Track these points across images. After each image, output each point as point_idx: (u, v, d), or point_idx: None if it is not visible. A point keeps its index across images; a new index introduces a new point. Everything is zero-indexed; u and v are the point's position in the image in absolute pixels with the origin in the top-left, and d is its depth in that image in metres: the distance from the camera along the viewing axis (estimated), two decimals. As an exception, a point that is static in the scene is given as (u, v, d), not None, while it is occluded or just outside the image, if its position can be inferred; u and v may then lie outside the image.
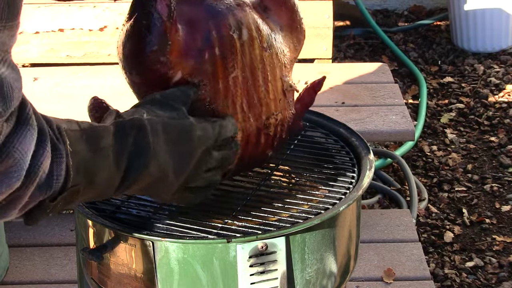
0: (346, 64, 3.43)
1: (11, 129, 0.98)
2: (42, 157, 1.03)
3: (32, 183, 1.03)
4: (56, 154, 1.06)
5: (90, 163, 1.12)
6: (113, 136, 1.16)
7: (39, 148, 1.03)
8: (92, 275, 1.44)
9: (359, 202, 1.48)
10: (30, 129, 1.01)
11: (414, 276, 2.45)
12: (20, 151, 0.99)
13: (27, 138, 1.00)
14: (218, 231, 1.34)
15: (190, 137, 1.26)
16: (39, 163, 1.03)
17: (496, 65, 4.05)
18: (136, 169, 1.18)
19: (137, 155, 1.18)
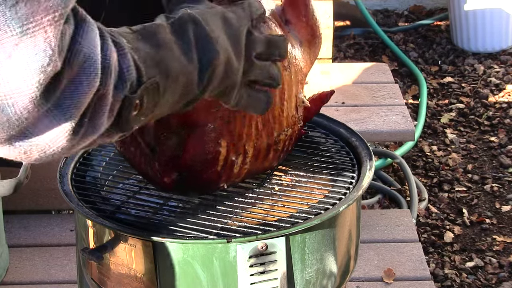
0: (346, 64, 3.43)
1: (73, 29, 0.95)
2: (108, 51, 1.01)
3: (109, 77, 1.00)
4: (118, 48, 1.04)
5: (156, 56, 1.11)
6: (172, 33, 1.15)
7: (103, 43, 1.00)
8: (92, 275, 1.44)
9: (359, 202, 1.48)
10: (90, 25, 0.98)
11: (414, 276, 2.45)
12: (87, 46, 0.96)
13: (90, 33, 0.97)
14: (218, 231, 1.34)
15: (230, 21, 1.24)
16: (108, 56, 1.01)
17: (496, 65, 4.05)
18: (208, 58, 1.17)
19: (203, 46, 1.17)
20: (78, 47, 0.95)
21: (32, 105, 0.92)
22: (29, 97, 0.91)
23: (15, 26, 0.89)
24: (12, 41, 0.89)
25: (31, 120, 0.94)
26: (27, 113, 0.92)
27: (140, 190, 1.48)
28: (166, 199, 1.45)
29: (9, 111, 0.92)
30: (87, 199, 1.44)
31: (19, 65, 0.90)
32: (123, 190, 1.50)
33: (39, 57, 0.90)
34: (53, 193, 2.71)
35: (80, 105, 0.97)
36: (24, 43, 0.89)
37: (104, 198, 1.47)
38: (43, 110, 0.94)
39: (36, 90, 0.91)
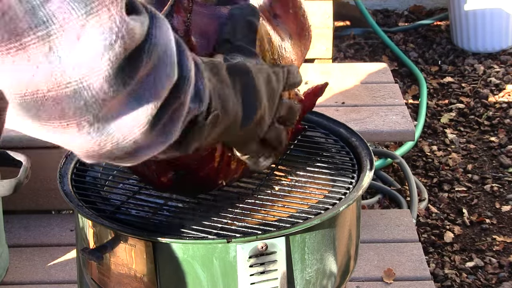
0: (346, 64, 3.43)
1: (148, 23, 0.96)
2: (187, 61, 1.02)
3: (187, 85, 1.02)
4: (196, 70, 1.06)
5: (221, 90, 1.14)
6: (227, 74, 1.19)
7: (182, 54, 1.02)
8: (92, 275, 1.44)
9: (359, 202, 1.48)
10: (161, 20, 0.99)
11: (414, 276, 2.45)
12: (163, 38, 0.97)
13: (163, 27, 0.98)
14: (218, 231, 1.34)
15: (272, 81, 1.29)
16: (188, 67, 1.02)
17: (496, 65, 4.05)
18: (252, 108, 1.22)
19: (249, 95, 1.22)
20: (154, 39, 0.96)
21: (107, 84, 0.92)
22: (103, 75, 0.91)
23: (80, 7, 0.89)
24: (79, 22, 0.89)
25: (108, 105, 0.94)
26: (103, 93, 0.92)
27: (140, 190, 1.48)
28: (166, 199, 1.45)
29: (86, 94, 0.92)
30: (87, 199, 1.44)
31: (89, 45, 0.90)
32: (123, 190, 1.50)
33: (106, 35, 0.90)
34: (53, 193, 2.71)
35: (158, 99, 0.97)
36: (90, 23, 0.90)
37: (104, 198, 1.47)
38: (120, 95, 0.94)
39: (109, 68, 0.91)
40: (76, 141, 0.97)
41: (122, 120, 0.96)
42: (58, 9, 0.89)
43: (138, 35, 0.94)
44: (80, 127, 0.95)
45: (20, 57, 0.89)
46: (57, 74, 0.90)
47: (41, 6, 0.88)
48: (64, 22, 0.89)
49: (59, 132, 0.96)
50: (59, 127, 0.95)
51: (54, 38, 0.89)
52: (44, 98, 0.92)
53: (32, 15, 0.88)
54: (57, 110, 0.93)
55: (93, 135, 0.96)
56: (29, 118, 0.95)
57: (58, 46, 0.89)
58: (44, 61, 0.90)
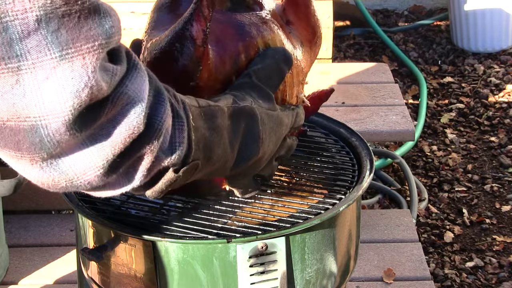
0: (346, 64, 3.43)
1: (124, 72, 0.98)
2: (163, 114, 1.03)
3: (156, 137, 1.03)
4: (178, 121, 1.07)
5: (208, 139, 1.15)
6: (229, 118, 1.20)
7: (158, 106, 1.03)
8: (92, 275, 1.44)
9: (359, 202, 1.48)
10: (140, 72, 1.00)
11: (414, 276, 2.45)
12: (133, 91, 0.98)
13: (138, 79, 1.00)
14: (218, 231, 1.34)
15: (281, 126, 1.31)
16: (161, 119, 1.03)
17: (496, 65, 4.05)
18: (248, 154, 1.24)
19: (249, 141, 1.23)
20: (124, 89, 0.98)
21: (64, 128, 0.93)
22: (62, 119, 0.92)
23: (55, 50, 0.91)
24: (51, 64, 0.91)
25: (63, 145, 0.95)
26: (59, 135, 0.94)
27: (140, 190, 1.48)
28: (166, 199, 1.45)
29: (42, 132, 0.93)
30: (87, 199, 1.44)
31: (55, 87, 0.91)
32: (123, 190, 1.50)
33: (75, 82, 0.92)
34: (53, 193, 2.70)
35: (116, 146, 0.98)
36: (62, 67, 0.91)
37: (104, 198, 1.47)
38: (76, 139, 0.95)
39: (70, 114, 0.92)
40: (31, 173, 0.99)
41: (76, 160, 0.98)
42: (34, 47, 0.90)
43: (107, 87, 0.95)
44: (33, 162, 0.97)
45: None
46: (18, 107, 0.92)
47: (19, 41, 0.90)
48: (37, 61, 0.91)
49: (14, 162, 0.98)
50: (14, 157, 0.97)
51: (23, 72, 0.91)
52: (3, 126, 0.94)
53: (8, 47, 0.90)
54: (13, 140, 0.95)
55: (46, 170, 0.98)
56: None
57: (25, 81, 0.91)
58: (8, 92, 0.91)
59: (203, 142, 1.14)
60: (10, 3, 0.89)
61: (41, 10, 0.90)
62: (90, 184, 1.01)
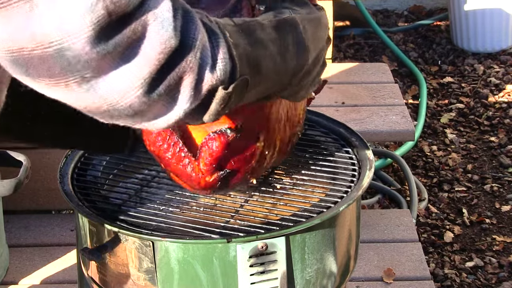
0: (346, 64, 3.43)
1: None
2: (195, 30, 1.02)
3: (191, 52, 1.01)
4: (214, 38, 1.06)
5: (252, 54, 1.13)
6: (274, 30, 1.19)
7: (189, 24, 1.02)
8: (92, 275, 1.44)
9: (359, 202, 1.48)
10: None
11: (414, 276, 2.45)
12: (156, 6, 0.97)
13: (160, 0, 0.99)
14: (218, 231, 1.34)
15: (321, 28, 1.31)
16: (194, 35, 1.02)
17: (496, 65, 4.05)
18: (301, 64, 1.24)
19: (299, 52, 1.23)
20: (147, 7, 0.97)
21: (89, 46, 0.93)
22: (85, 37, 0.92)
23: None
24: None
25: (93, 65, 0.94)
26: (86, 54, 0.93)
27: (141, 189, 1.49)
28: (167, 199, 1.45)
29: (68, 54, 0.93)
30: (87, 198, 1.44)
31: (69, 6, 0.91)
32: (123, 189, 1.50)
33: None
34: (53, 193, 2.71)
35: (151, 63, 0.97)
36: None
37: (105, 198, 1.47)
38: (106, 58, 0.95)
39: (91, 29, 0.92)
40: (71, 98, 0.98)
41: (112, 82, 0.97)
42: None
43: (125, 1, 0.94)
44: (69, 87, 0.96)
45: (2, 16, 0.91)
46: (39, 33, 0.92)
47: None
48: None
49: (52, 89, 0.97)
50: (49, 85, 0.96)
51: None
52: (30, 56, 0.94)
53: None
54: (44, 68, 0.95)
55: (84, 94, 0.97)
56: (23, 75, 0.96)
57: (39, 5, 0.91)
58: (26, 20, 0.91)
59: (246, 57, 1.11)
60: None
61: None
62: (132, 108, 0.99)
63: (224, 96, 1.07)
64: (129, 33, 0.95)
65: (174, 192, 1.47)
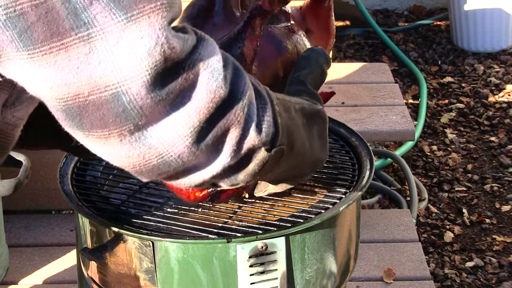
0: (346, 64, 3.43)
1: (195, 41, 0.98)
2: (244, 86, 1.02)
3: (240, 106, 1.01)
4: (260, 101, 1.06)
5: (290, 128, 1.14)
6: (304, 117, 1.20)
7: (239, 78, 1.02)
8: (92, 275, 1.44)
9: (359, 202, 1.48)
10: (209, 41, 1.00)
11: (414, 276, 2.45)
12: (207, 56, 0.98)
13: (209, 47, 0.99)
14: (218, 231, 1.34)
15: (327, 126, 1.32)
16: (243, 90, 1.02)
17: (496, 65, 4.05)
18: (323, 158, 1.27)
19: (322, 146, 1.25)
20: (198, 56, 0.97)
21: (144, 91, 0.93)
22: (141, 81, 0.93)
23: (120, 13, 0.91)
24: (119, 27, 0.91)
25: (147, 112, 0.94)
26: (141, 100, 0.93)
27: (140, 189, 1.49)
28: (166, 199, 1.45)
29: (124, 99, 0.93)
30: (87, 198, 1.44)
31: (128, 49, 0.92)
32: (123, 189, 1.50)
33: (145, 41, 0.92)
34: (53, 193, 2.71)
35: (200, 111, 0.97)
36: (130, 29, 0.92)
37: (104, 198, 1.47)
38: (159, 105, 0.95)
39: (147, 74, 0.93)
40: (120, 153, 0.97)
41: (163, 130, 0.96)
42: (99, 13, 0.91)
43: (180, 48, 0.95)
44: (122, 137, 0.96)
45: (61, 57, 0.91)
46: (96, 76, 0.92)
47: (83, 9, 0.91)
48: (104, 26, 0.91)
49: (103, 143, 0.97)
50: (102, 137, 0.96)
51: (94, 40, 0.91)
52: (86, 103, 0.93)
53: (75, 16, 0.90)
54: (98, 116, 0.94)
55: (135, 145, 0.97)
56: (75, 127, 0.96)
57: (98, 48, 0.91)
58: (84, 62, 0.92)
59: (286, 129, 1.12)
60: None
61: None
62: (181, 158, 0.99)
63: (265, 157, 1.07)
64: (182, 81, 0.96)
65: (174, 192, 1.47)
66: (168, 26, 0.94)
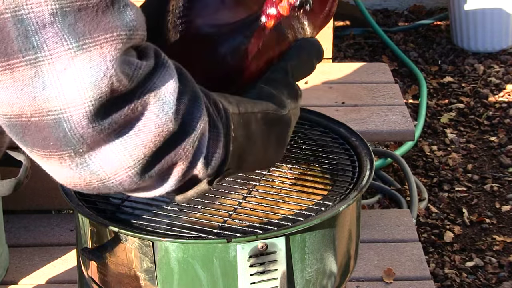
0: (346, 64, 3.43)
1: (151, 68, 0.96)
2: (198, 119, 1.01)
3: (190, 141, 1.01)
4: (214, 131, 1.05)
5: (244, 149, 1.13)
6: (265, 124, 1.18)
7: (194, 110, 1.01)
8: (92, 275, 1.44)
9: (359, 202, 1.48)
10: (169, 70, 0.98)
11: (414, 276, 2.45)
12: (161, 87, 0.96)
13: (166, 77, 0.97)
14: (218, 231, 1.34)
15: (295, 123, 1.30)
16: (196, 123, 1.01)
17: (496, 65, 4.05)
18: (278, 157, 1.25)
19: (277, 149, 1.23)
20: (152, 86, 0.96)
21: (86, 120, 0.92)
22: (83, 111, 0.91)
23: (72, 41, 0.90)
24: (69, 54, 0.90)
25: (89, 141, 0.94)
26: (82, 129, 0.92)
27: (140, 190, 1.48)
28: (166, 199, 1.45)
29: (65, 126, 0.92)
30: (87, 198, 1.44)
31: (74, 78, 0.90)
32: (123, 190, 1.50)
33: (93, 71, 0.91)
34: (53, 193, 2.71)
35: (146, 145, 0.97)
36: (80, 57, 0.90)
37: (104, 198, 1.47)
38: (102, 134, 0.94)
39: (90, 105, 0.91)
40: (62, 173, 0.97)
41: (106, 158, 0.96)
42: (51, 38, 0.89)
43: (128, 79, 0.93)
44: (62, 160, 0.95)
45: (6, 77, 0.90)
46: (40, 100, 0.91)
47: (35, 32, 0.89)
48: (54, 52, 0.90)
49: (44, 161, 0.97)
50: (43, 156, 0.96)
51: (41, 64, 0.90)
52: (28, 123, 0.93)
53: (25, 39, 0.89)
54: (39, 138, 0.94)
55: (75, 170, 0.96)
56: (18, 142, 0.96)
57: (44, 72, 0.90)
58: (29, 85, 0.91)
59: (238, 152, 1.11)
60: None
61: (56, 4, 0.89)
62: (122, 185, 0.99)
63: (205, 189, 1.09)
64: (128, 111, 0.94)
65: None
66: (121, 57, 0.92)
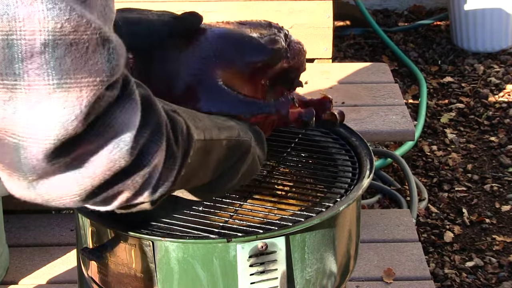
0: (346, 64, 3.43)
1: (114, 99, 0.96)
2: (154, 153, 1.01)
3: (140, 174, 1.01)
4: (170, 161, 1.05)
5: (193, 173, 1.13)
6: (226, 149, 1.20)
7: (152, 144, 1.00)
8: (92, 275, 1.44)
9: (359, 202, 1.48)
10: (132, 104, 0.97)
11: (414, 276, 2.45)
12: (120, 122, 0.96)
13: (129, 111, 0.97)
14: (218, 231, 1.34)
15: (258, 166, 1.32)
16: (151, 158, 1.01)
17: (496, 65, 4.05)
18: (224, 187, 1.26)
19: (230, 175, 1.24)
20: (112, 120, 0.96)
21: (42, 155, 0.93)
22: (43, 147, 0.92)
23: (54, 77, 0.90)
24: (47, 90, 0.90)
25: (40, 172, 0.95)
26: (36, 161, 0.93)
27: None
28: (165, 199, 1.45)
29: (21, 153, 0.93)
30: (87, 199, 1.44)
31: (45, 113, 0.91)
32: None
33: (65, 112, 0.91)
34: (53, 193, 2.71)
35: (95, 178, 0.97)
36: (56, 95, 0.90)
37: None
38: (53, 166, 0.94)
39: (52, 143, 0.92)
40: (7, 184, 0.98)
41: (53, 185, 0.97)
42: (34, 70, 0.90)
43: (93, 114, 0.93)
44: (11, 177, 0.96)
45: None
46: (7, 121, 0.92)
47: (20, 60, 0.89)
48: (33, 83, 0.90)
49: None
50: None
51: (17, 91, 0.90)
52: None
53: (8, 64, 0.89)
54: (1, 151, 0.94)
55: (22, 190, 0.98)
56: None
57: (18, 100, 0.91)
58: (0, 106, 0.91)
59: (186, 178, 1.12)
60: (21, 22, 0.88)
61: (50, 35, 0.89)
62: (65, 206, 1.01)
63: (147, 208, 1.10)
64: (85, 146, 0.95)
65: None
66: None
